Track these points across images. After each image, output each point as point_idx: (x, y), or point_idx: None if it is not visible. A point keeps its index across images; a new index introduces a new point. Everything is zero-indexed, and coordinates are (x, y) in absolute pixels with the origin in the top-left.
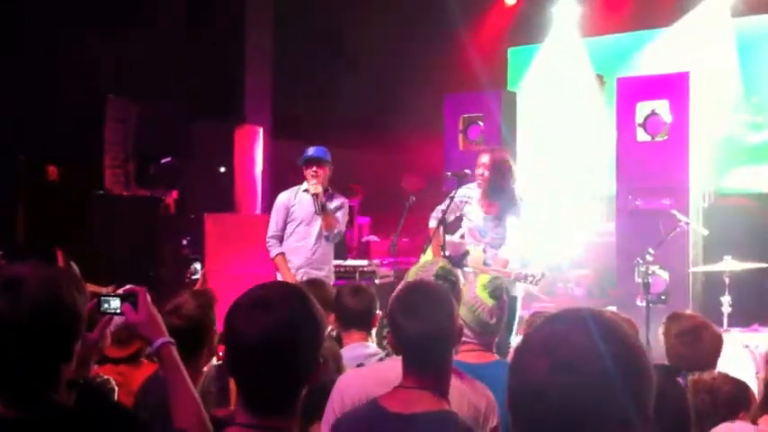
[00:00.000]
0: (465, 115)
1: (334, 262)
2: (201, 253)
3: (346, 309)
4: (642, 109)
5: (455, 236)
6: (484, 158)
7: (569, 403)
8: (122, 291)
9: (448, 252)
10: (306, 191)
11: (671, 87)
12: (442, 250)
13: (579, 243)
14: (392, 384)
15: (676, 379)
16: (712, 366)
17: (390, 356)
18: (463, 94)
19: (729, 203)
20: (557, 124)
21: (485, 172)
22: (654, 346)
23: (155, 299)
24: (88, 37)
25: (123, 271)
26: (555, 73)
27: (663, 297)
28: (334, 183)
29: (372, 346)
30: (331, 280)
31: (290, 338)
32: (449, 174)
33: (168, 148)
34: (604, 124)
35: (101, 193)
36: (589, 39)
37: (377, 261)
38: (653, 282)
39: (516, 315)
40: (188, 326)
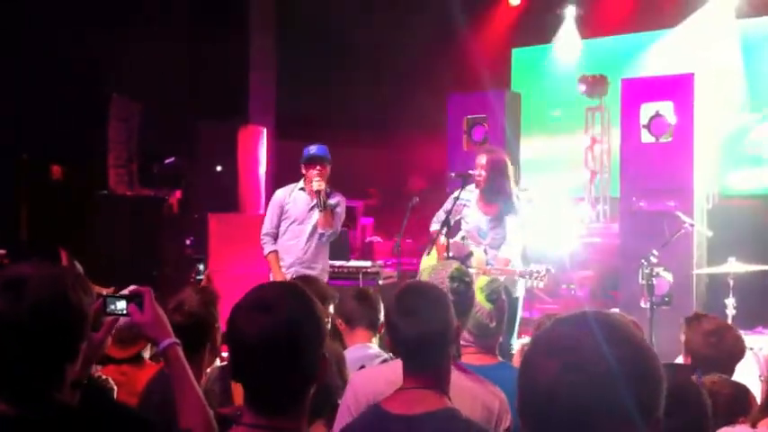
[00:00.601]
0: (469, 116)
1: (337, 263)
2: (205, 253)
3: (351, 308)
4: (647, 110)
5: (455, 239)
6: (481, 159)
7: (580, 404)
8: (128, 291)
9: (451, 253)
10: (302, 189)
11: (675, 88)
12: (446, 252)
13: (579, 241)
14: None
15: (691, 377)
16: (730, 372)
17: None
18: (467, 95)
19: (734, 205)
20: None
21: (482, 173)
22: (657, 348)
23: (158, 299)
24: (92, 36)
25: (126, 271)
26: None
27: (666, 299)
28: (336, 183)
29: (375, 348)
30: (324, 279)
31: (291, 338)
32: (452, 174)
33: (172, 148)
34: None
35: (104, 193)
36: (593, 39)
37: (380, 262)
38: (657, 283)
39: (518, 316)
40: (191, 322)
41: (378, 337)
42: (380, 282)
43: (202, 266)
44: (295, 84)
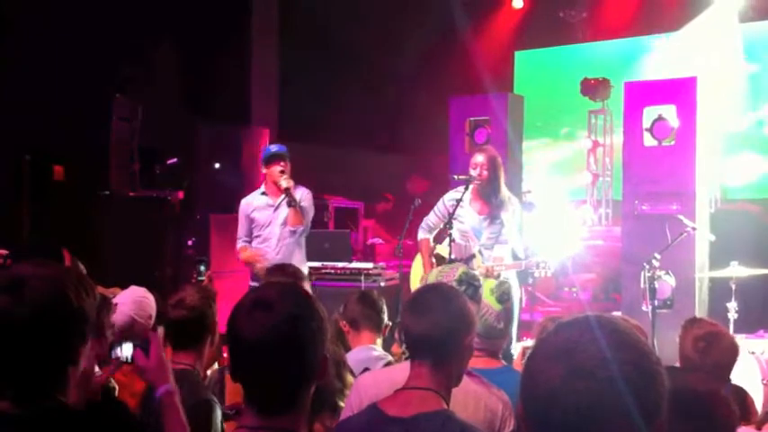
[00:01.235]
0: (471, 118)
1: (339, 264)
2: (207, 254)
3: (356, 311)
4: (649, 113)
5: (443, 244)
6: (479, 158)
7: (584, 408)
8: (132, 302)
9: (454, 255)
10: (264, 194)
11: (678, 92)
12: (449, 254)
13: (581, 243)
14: None
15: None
16: (723, 380)
17: (399, 361)
18: (469, 97)
19: (736, 209)
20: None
21: (483, 171)
22: (659, 351)
23: (159, 299)
24: (94, 36)
25: (128, 271)
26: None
27: (669, 302)
28: (339, 183)
29: (379, 350)
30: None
31: (291, 337)
32: (455, 177)
33: (174, 149)
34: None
35: (107, 194)
36: (597, 43)
37: (382, 264)
38: (659, 287)
39: (514, 320)
40: (192, 315)
41: (381, 339)
42: (382, 283)
43: (204, 267)
44: (297, 86)
